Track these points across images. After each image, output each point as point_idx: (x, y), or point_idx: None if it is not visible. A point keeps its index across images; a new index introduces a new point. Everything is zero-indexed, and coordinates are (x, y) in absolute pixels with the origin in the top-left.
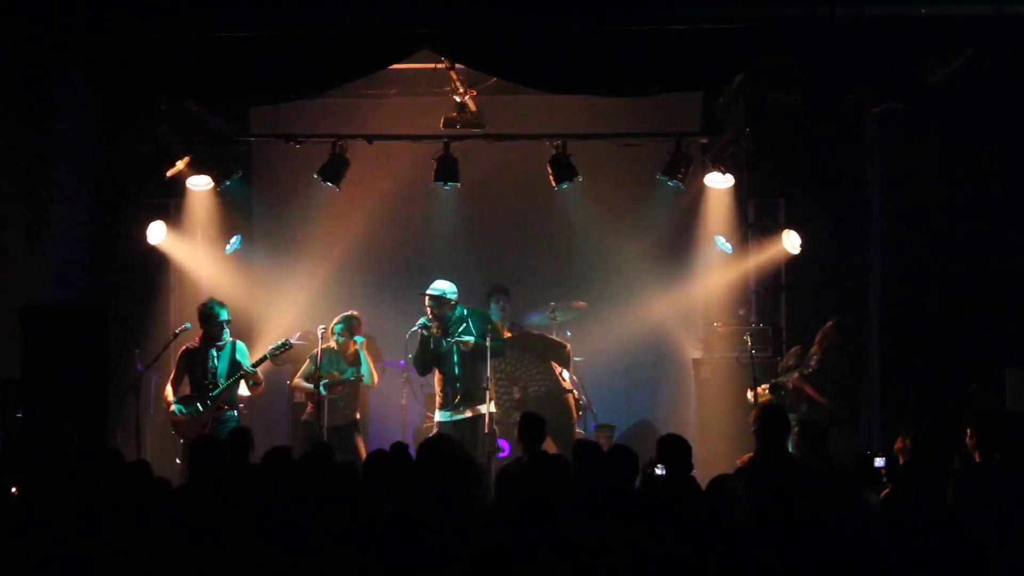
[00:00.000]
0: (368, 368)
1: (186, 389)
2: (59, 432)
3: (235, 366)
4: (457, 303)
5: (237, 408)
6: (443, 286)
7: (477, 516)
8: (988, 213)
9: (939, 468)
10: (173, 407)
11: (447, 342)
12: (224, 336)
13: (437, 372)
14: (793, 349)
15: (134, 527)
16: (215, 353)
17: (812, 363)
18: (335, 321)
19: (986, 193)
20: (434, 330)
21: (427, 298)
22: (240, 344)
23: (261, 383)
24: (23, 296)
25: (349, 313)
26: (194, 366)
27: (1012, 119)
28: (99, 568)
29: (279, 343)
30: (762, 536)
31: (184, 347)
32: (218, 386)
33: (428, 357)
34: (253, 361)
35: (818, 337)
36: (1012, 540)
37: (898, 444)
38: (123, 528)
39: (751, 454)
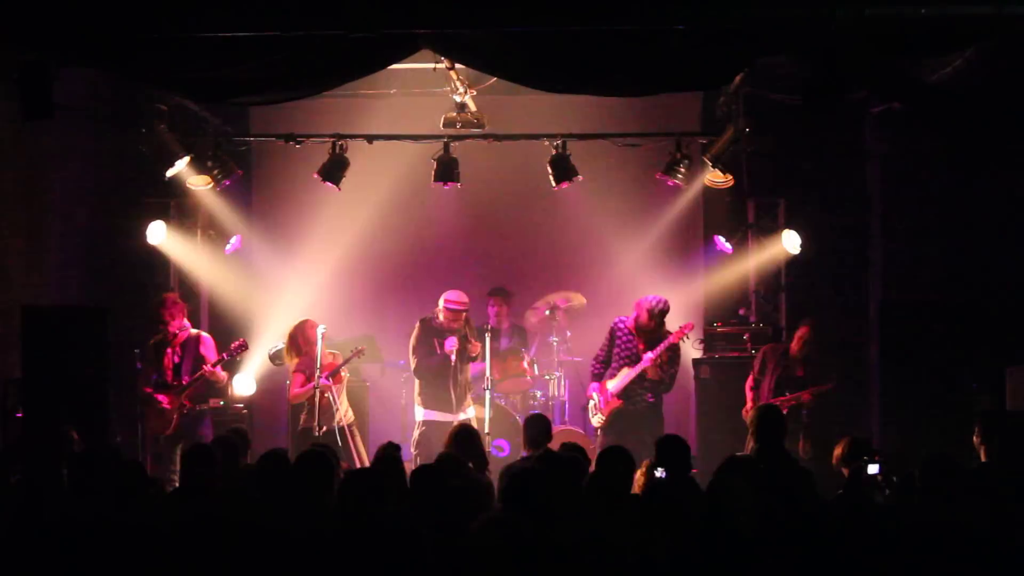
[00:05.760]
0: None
1: None
2: (59, 432)
3: (198, 361)
4: None
5: (207, 403)
6: (463, 297)
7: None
8: (988, 213)
9: (942, 468)
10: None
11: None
12: (181, 328)
13: (433, 374)
14: (767, 348)
15: (129, 527)
16: (175, 347)
17: (815, 373)
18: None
19: (986, 193)
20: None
21: (463, 311)
22: (205, 336)
23: (222, 381)
24: (23, 296)
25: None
26: (159, 360)
27: (1012, 119)
28: (97, 568)
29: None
30: (764, 536)
31: (152, 340)
32: (181, 383)
33: (433, 361)
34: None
35: (803, 348)
36: (1016, 539)
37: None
38: (119, 528)
39: (736, 455)
